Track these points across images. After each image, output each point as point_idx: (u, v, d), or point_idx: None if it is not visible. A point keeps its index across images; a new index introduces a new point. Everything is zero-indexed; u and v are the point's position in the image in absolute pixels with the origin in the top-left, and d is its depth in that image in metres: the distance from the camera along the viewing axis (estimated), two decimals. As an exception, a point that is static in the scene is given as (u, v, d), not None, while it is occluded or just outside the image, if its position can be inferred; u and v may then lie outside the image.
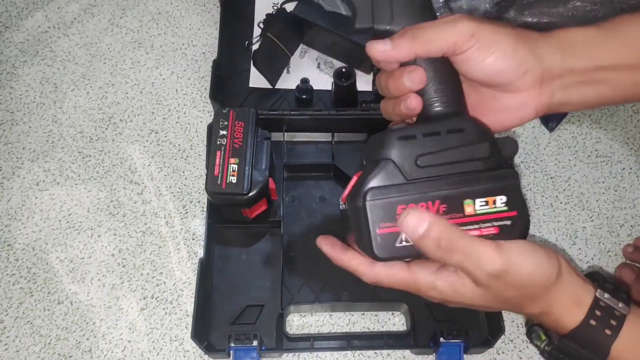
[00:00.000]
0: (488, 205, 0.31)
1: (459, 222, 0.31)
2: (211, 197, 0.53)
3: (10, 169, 0.62)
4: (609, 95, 0.34)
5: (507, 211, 0.31)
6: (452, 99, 0.32)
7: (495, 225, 0.31)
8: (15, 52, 0.69)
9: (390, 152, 0.30)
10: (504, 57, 0.31)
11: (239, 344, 0.50)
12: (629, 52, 0.33)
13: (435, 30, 0.31)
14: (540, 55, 0.32)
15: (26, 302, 0.55)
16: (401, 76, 0.31)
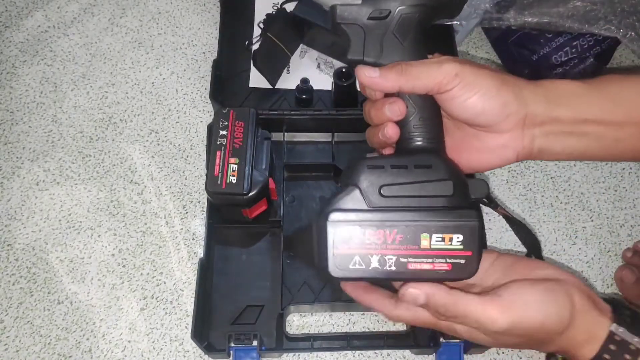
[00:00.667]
0: (444, 241, 0.32)
1: (412, 253, 0.32)
2: (211, 197, 0.53)
3: (10, 169, 0.62)
4: (592, 149, 0.35)
5: (462, 250, 0.32)
6: (430, 135, 0.34)
7: (448, 262, 0.32)
8: (15, 51, 0.69)
9: (358, 179, 0.32)
10: (486, 97, 0.32)
11: (239, 344, 0.50)
12: (614, 109, 0.34)
13: (422, 68, 0.32)
14: (524, 100, 0.33)
15: (26, 302, 0.55)
16: (382, 106, 0.33)
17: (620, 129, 0.34)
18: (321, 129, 0.63)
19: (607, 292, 0.58)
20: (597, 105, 0.34)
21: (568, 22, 0.62)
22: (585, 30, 0.62)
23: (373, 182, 0.32)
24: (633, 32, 0.62)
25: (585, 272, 0.59)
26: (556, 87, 0.34)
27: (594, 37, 0.64)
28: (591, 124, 0.34)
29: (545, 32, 0.66)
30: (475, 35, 0.73)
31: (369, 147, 0.37)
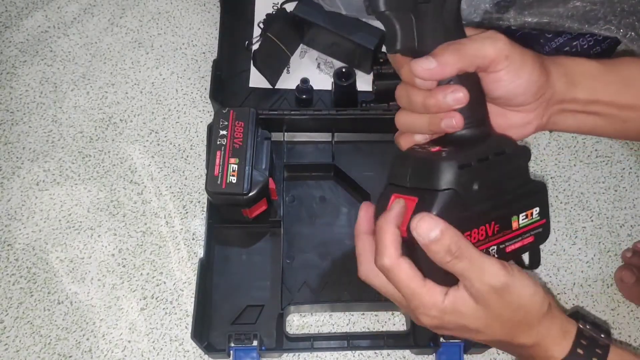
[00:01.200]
0: (527, 218, 0.34)
1: (508, 237, 0.34)
2: (211, 197, 0.53)
3: (10, 169, 0.62)
4: (601, 126, 0.37)
5: (540, 220, 0.34)
6: (480, 118, 0.34)
7: (532, 234, 0.35)
8: (15, 52, 0.69)
9: (452, 182, 0.31)
10: (529, 82, 0.33)
11: (239, 344, 0.50)
12: (625, 91, 0.36)
13: (477, 45, 0.32)
14: (552, 80, 0.34)
15: (26, 302, 0.55)
16: (444, 95, 0.32)
17: (629, 111, 0.36)
18: (321, 129, 0.63)
19: (607, 292, 0.58)
20: (610, 86, 0.35)
21: (568, 22, 0.62)
22: (585, 30, 0.62)
23: (466, 182, 0.32)
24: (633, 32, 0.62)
25: (585, 272, 0.59)
26: (575, 66, 0.35)
27: (594, 37, 0.64)
28: (602, 105, 0.35)
29: (545, 32, 0.66)
30: (475, 35, 0.73)
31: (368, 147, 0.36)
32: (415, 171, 0.33)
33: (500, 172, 0.33)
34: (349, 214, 0.60)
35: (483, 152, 0.32)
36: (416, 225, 0.30)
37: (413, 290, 0.32)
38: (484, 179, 0.32)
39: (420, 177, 0.33)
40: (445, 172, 0.31)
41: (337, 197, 0.61)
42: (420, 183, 0.33)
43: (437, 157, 0.32)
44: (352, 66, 0.64)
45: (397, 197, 0.33)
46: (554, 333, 0.34)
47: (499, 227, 0.33)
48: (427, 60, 0.31)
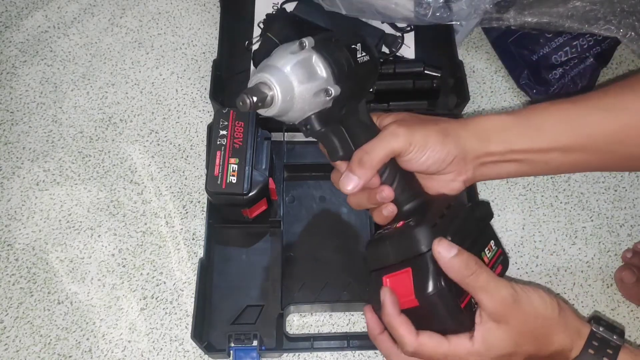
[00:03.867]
0: (490, 251, 0.39)
1: None
2: (211, 197, 0.53)
3: (10, 169, 0.62)
4: (524, 171, 0.41)
5: (498, 249, 0.40)
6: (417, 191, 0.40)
7: (499, 263, 0.40)
8: (15, 52, 0.69)
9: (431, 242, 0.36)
10: (435, 153, 0.38)
11: (239, 344, 0.50)
12: (538, 138, 0.39)
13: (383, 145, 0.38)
14: (462, 143, 0.39)
15: (26, 302, 0.55)
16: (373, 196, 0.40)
17: (546, 154, 0.39)
18: (321, 129, 0.63)
19: (607, 292, 0.58)
20: (523, 135, 0.39)
21: (568, 22, 0.62)
22: (585, 30, 0.62)
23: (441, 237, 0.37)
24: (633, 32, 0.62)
25: (585, 272, 0.59)
26: (484, 123, 0.40)
27: (594, 37, 0.64)
28: (519, 153, 0.39)
29: (545, 32, 0.66)
30: (475, 35, 0.73)
31: None
32: (395, 247, 0.38)
33: (457, 220, 0.38)
34: (349, 214, 0.60)
35: (439, 211, 0.38)
36: (437, 246, 0.35)
37: (445, 354, 0.36)
38: (452, 230, 0.37)
39: (402, 249, 0.37)
40: (423, 236, 0.36)
41: (337, 197, 0.60)
42: (404, 255, 0.37)
43: (409, 228, 0.38)
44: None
45: (388, 278, 0.37)
46: (571, 335, 0.36)
47: None
48: (351, 180, 0.38)
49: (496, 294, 0.35)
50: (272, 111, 0.35)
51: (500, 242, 0.41)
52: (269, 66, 0.35)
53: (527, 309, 0.35)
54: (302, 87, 0.35)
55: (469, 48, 0.73)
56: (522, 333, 0.35)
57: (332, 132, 0.39)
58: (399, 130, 0.38)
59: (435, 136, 0.38)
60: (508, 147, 0.39)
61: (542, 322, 0.36)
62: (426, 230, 0.36)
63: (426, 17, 0.64)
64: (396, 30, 0.69)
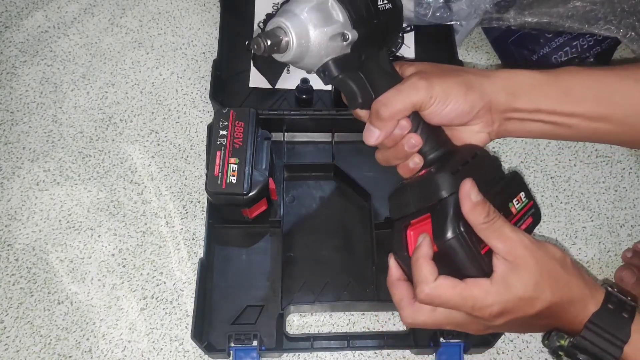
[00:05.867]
0: (519, 202, 0.38)
1: (513, 221, 0.37)
2: (211, 197, 0.53)
3: (10, 169, 0.62)
4: (548, 132, 0.40)
5: (529, 202, 0.39)
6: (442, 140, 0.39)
7: (529, 215, 0.39)
8: (15, 52, 0.69)
9: (452, 187, 0.36)
10: (457, 106, 0.37)
11: (239, 344, 0.50)
12: (564, 101, 0.39)
13: (402, 97, 0.37)
14: (487, 95, 0.38)
15: (26, 302, 0.55)
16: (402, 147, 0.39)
17: (571, 118, 0.39)
18: (321, 129, 0.63)
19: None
20: (551, 96, 0.39)
21: (568, 22, 0.62)
22: (585, 30, 0.62)
23: None
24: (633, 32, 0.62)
25: (586, 272, 0.59)
26: (513, 78, 0.39)
27: (594, 37, 0.64)
28: (545, 113, 0.39)
29: (545, 32, 0.66)
30: (475, 35, 0.73)
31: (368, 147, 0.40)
32: (416, 194, 0.37)
33: (482, 170, 0.37)
34: (349, 214, 0.60)
35: (463, 159, 0.38)
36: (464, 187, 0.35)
37: (462, 295, 0.34)
38: (474, 178, 0.36)
39: (423, 196, 0.37)
40: (443, 182, 0.36)
41: (337, 197, 0.60)
42: (425, 202, 0.36)
43: (430, 175, 0.37)
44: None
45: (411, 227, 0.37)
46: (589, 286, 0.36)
47: (503, 214, 0.36)
48: (373, 134, 0.38)
49: (511, 237, 0.34)
50: (287, 56, 0.35)
51: (532, 194, 0.40)
52: (285, 11, 0.35)
53: (544, 253, 0.35)
54: (317, 31, 0.35)
55: (469, 48, 0.73)
56: (542, 275, 0.34)
57: (351, 79, 0.38)
58: (419, 82, 0.37)
59: (457, 88, 0.37)
60: (535, 106, 0.38)
61: (560, 267, 0.35)
62: (447, 177, 0.36)
63: (426, 17, 0.64)
64: (396, 30, 0.69)
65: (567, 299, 0.35)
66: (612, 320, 0.35)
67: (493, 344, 0.51)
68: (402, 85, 0.37)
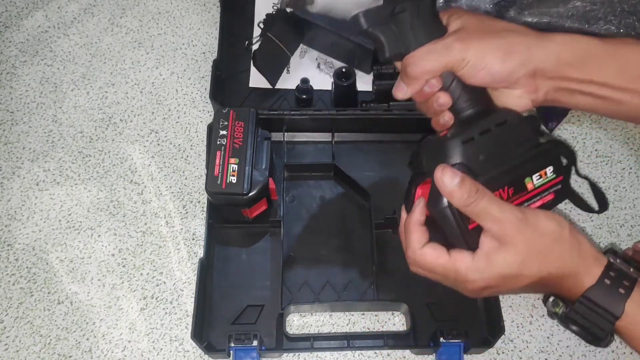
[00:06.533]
0: (542, 177, 0.37)
1: (526, 197, 0.37)
2: (211, 197, 0.53)
3: (10, 169, 0.62)
4: (597, 107, 0.38)
5: (556, 178, 0.37)
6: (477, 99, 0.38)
7: (551, 192, 0.37)
8: (15, 52, 0.69)
9: (459, 157, 0.35)
10: (492, 71, 0.36)
11: (239, 344, 0.50)
12: (620, 74, 0.36)
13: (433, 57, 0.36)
14: (532, 60, 0.36)
15: (26, 302, 0.55)
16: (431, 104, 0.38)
17: (623, 94, 0.36)
18: (321, 129, 0.63)
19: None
20: (606, 68, 0.36)
21: (568, 22, 0.62)
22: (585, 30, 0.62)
23: (472, 154, 0.36)
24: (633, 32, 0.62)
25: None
26: (570, 44, 0.36)
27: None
28: (597, 85, 0.36)
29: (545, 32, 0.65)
30: (475, 35, 0.73)
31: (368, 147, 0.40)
32: (428, 156, 0.37)
33: (504, 140, 0.36)
34: (349, 214, 0.60)
35: (484, 126, 0.36)
36: (440, 177, 0.34)
37: (444, 267, 0.36)
38: (489, 149, 0.35)
39: (433, 159, 0.36)
40: (452, 149, 0.35)
41: (337, 197, 0.61)
42: (434, 165, 0.36)
43: (443, 139, 0.37)
44: (352, 66, 0.64)
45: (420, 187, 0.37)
46: (585, 259, 0.35)
47: (514, 189, 0.36)
48: (400, 88, 0.37)
49: (499, 217, 0.34)
50: (316, 7, 0.35)
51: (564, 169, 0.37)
52: None
53: (534, 228, 0.34)
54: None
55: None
56: (529, 253, 0.34)
57: (381, 32, 0.36)
58: (454, 44, 0.35)
59: (495, 53, 0.35)
60: (588, 77, 0.36)
61: (551, 242, 0.34)
62: (456, 144, 0.35)
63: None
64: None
65: (559, 274, 0.35)
66: (606, 296, 0.35)
67: (493, 344, 0.51)
68: (435, 44, 0.36)
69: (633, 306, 0.34)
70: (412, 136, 0.64)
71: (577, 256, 0.35)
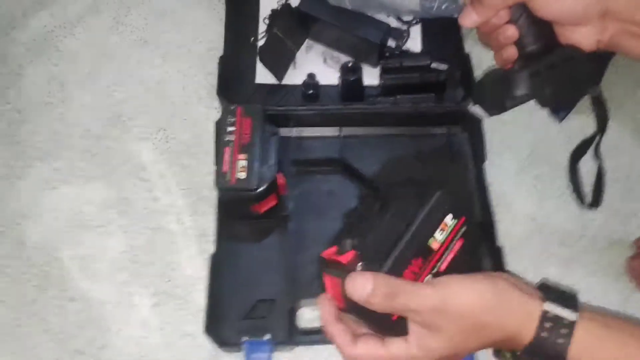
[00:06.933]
0: (444, 230, 0.35)
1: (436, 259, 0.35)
2: (220, 193, 0.53)
3: (20, 169, 0.63)
4: None
5: (458, 222, 0.36)
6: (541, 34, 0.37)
7: (457, 238, 0.36)
8: (22, 51, 0.70)
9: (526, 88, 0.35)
10: (567, 4, 0.35)
11: (251, 338, 0.50)
12: None
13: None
14: (606, 1, 0.36)
15: (40, 300, 0.56)
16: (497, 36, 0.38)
17: None
18: (328, 124, 0.63)
19: (618, 282, 0.57)
20: None
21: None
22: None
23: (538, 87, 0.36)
24: None
25: (597, 263, 0.58)
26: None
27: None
28: None
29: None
30: (481, 27, 0.73)
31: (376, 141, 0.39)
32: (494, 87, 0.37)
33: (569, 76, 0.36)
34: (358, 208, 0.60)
35: (551, 60, 0.36)
36: (351, 289, 0.33)
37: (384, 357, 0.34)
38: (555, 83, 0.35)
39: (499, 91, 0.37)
40: (519, 81, 0.35)
41: (346, 192, 0.61)
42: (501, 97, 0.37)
43: (510, 72, 0.36)
44: (358, 60, 0.64)
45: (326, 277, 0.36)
46: (518, 316, 0.34)
47: (422, 258, 0.34)
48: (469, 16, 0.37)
49: (419, 309, 0.33)
50: None
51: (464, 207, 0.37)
52: None
53: (457, 311, 0.33)
54: None
55: (476, 40, 0.72)
56: (458, 334, 0.34)
57: None
58: None
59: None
60: None
61: (479, 319, 0.33)
62: (524, 77, 0.35)
63: (432, 10, 0.64)
64: (402, 24, 0.69)
65: (498, 340, 0.34)
66: (547, 348, 0.33)
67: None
68: None
69: (575, 350, 0.33)
70: (420, 130, 0.64)
71: (510, 319, 0.34)
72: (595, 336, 0.34)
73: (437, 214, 0.35)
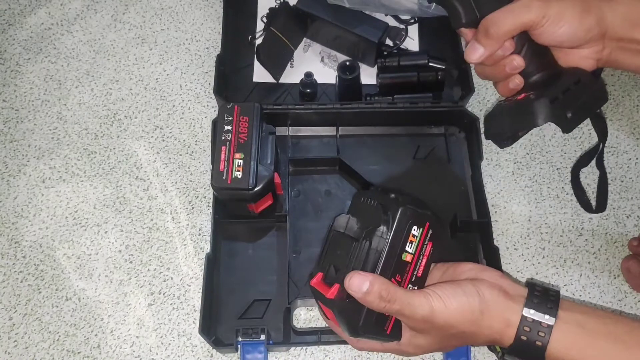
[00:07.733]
0: (413, 241, 0.38)
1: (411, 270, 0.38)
2: (217, 192, 0.53)
3: (16, 167, 0.62)
4: None
5: (424, 229, 0.38)
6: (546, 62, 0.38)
7: (427, 243, 0.38)
8: (19, 49, 0.70)
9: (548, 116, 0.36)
10: (570, 29, 0.37)
11: (246, 338, 0.50)
12: None
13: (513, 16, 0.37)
14: (605, 21, 0.37)
15: (34, 299, 0.56)
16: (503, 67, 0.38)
17: None
18: (326, 123, 0.63)
19: (614, 283, 0.57)
20: None
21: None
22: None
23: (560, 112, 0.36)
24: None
25: (592, 263, 0.58)
26: (637, 5, 0.37)
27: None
28: None
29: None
30: (480, 27, 0.73)
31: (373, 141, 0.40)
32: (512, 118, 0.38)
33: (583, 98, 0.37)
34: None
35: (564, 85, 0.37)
36: (349, 284, 0.36)
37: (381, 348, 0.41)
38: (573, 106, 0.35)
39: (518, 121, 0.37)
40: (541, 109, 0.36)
41: (343, 191, 0.60)
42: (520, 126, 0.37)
43: (528, 101, 0.37)
44: (356, 59, 0.64)
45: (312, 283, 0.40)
46: (497, 326, 0.37)
47: (399, 273, 0.38)
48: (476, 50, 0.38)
49: (413, 316, 0.36)
50: None
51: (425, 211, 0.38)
52: None
53: (444, 323, 0.36)
54: None
55: (473, 40, 0.72)
56: (444, 338, 0.38)
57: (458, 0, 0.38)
58: (532, 2, 0.36)
59: (572, 10, 0.36)
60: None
61: (462, 329, 0.37)
62: (545, 104, 0.36)
63: (430, 9, 0.64)
64: (400, 23, 0.69)
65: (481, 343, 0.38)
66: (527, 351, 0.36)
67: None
68: (514, 4, 0.37)
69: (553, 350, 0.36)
70: (417, 129, 0.63)
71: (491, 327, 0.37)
72: (571, 336, 0.36)
73: (403, 231, 0.37)
